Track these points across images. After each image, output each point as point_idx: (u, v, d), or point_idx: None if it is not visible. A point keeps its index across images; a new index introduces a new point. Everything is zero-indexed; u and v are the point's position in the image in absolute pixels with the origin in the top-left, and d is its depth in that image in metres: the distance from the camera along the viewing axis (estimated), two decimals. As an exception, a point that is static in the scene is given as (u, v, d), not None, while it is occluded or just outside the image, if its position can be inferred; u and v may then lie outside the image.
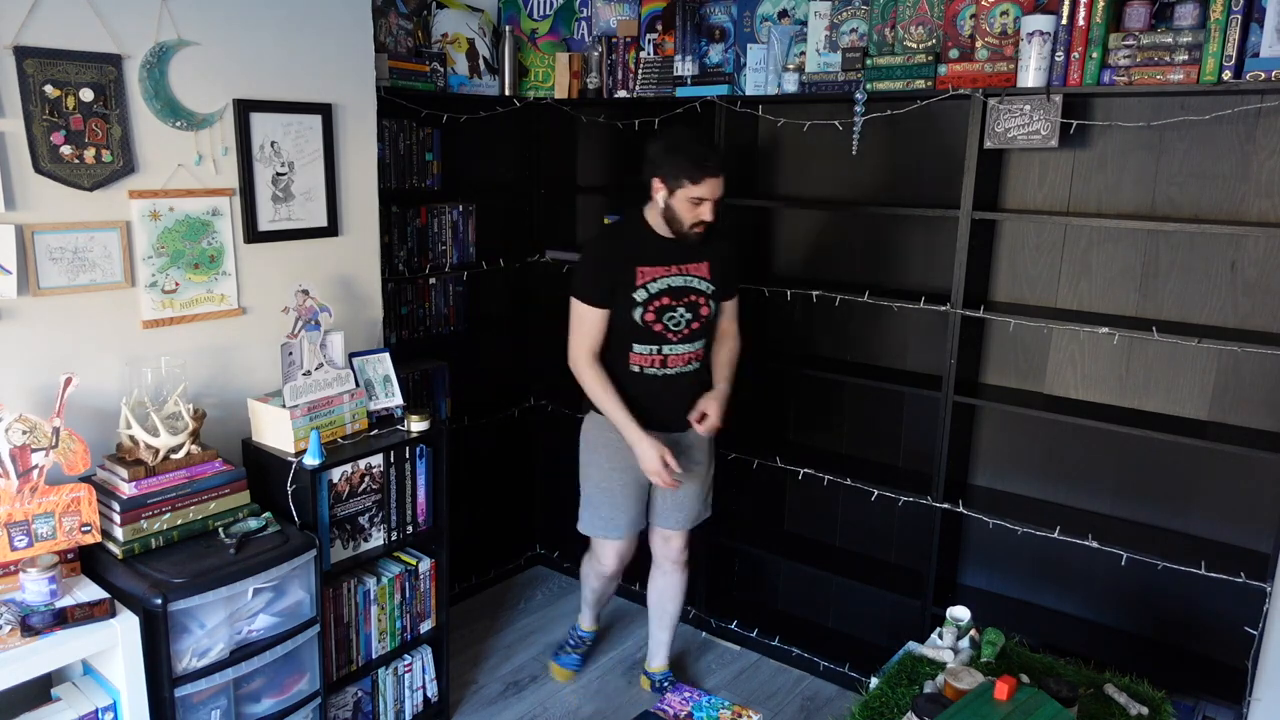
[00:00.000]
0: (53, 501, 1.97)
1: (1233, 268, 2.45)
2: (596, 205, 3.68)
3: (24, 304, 2.06)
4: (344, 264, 2.72)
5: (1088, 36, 2.32)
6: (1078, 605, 2.81)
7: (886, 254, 3.01)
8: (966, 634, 2.12)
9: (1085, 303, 2.68)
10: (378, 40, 2.83)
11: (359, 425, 2.51)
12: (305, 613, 2.24)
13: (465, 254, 3.35)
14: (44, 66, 2.01)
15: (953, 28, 2.59)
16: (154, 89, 2.21)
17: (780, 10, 2.94)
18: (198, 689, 2.03)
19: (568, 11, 3.41)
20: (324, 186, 2.62)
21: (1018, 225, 2.74)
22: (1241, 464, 2.48)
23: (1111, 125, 2.54)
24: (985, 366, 2.88)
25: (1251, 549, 2.48)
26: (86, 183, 2.12)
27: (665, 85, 3.13)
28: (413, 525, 2.61)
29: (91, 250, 2.15)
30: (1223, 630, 2.52)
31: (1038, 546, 2.77)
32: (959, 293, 2.64)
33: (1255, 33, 2.16)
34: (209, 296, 2.40)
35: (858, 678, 2.98)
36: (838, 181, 3.06)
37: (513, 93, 3.38)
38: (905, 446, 3.07)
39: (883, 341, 3.05)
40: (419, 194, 3.18)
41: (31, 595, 1.91)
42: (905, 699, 1.91)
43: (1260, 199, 2.39)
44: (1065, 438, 2.75)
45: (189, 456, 2.17)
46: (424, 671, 2.74)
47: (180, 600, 1.96)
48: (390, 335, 3.05)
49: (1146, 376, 2.61)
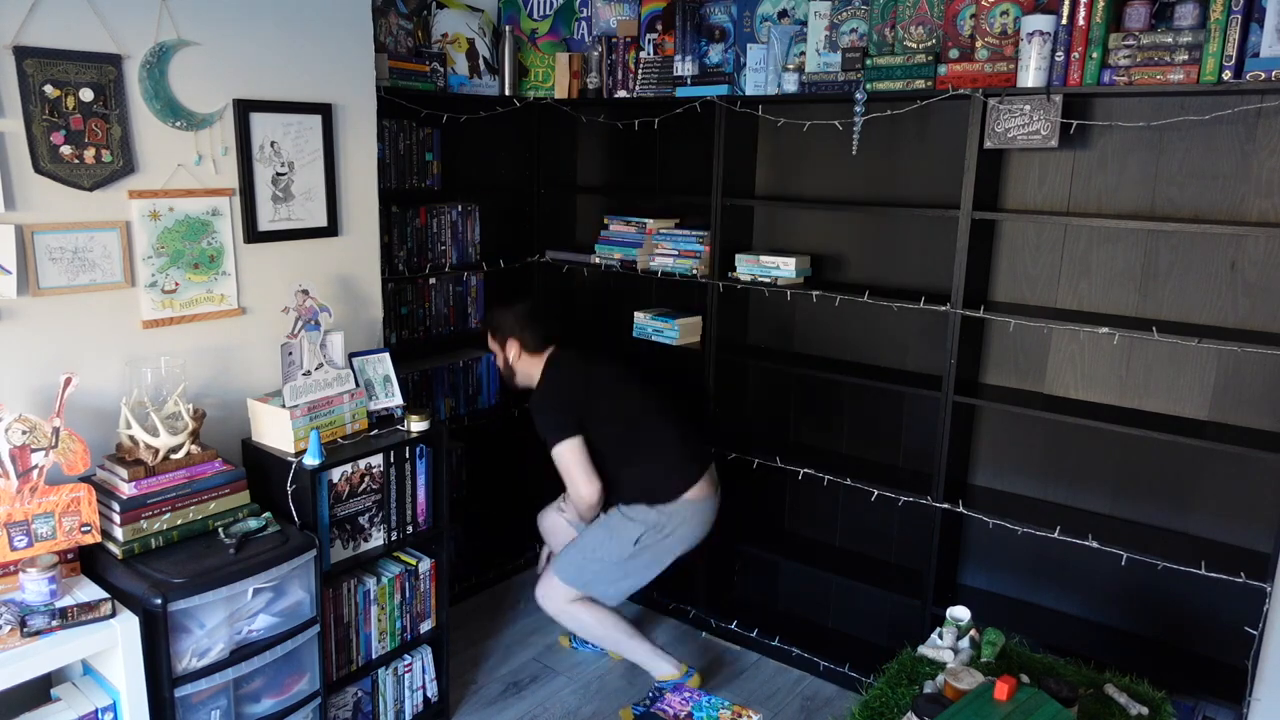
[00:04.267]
0: (53, 501, 1.97)
1: (1233, 268, 2.45)
2: (596, 205, 3.69)
3: (24, 304, 2.06)
4: (344, 264, 2.72)
5: (1088, 36, 2.32)
6: (1078, 605, 2.81)
7: (886, 254, 3.01)
8: (966, 634, 2.12)
9: (1085, 303, 2.68)
10: (378, 40, 2.83)
11: (359, 425, 2.51)
12: (305, 613, 2.24)
13: (465, 254, 3.35)
14: (44, 66, 2.01)
15: (953, 28, 2.59)
16: (154, 89, 2.21)
17: (780, 10, 2.94)
18: (198, 689, 2.03)
19: (568, 11, 3.41)
20: (324, 186, 2.62)
21: (1018, 225, 2.74)
22: (1241, 464, 2.48)
23: (1111, 125, 2.54)
24: (985, 366, 2.88)
25: (1251, 549, 2.48)
26: (86, 183, 2.12)
27: (665, 85, 3.13)
28: (413, 525, 2.61)
29: (91, 250, 2.15)
30: (1223, 630, 2.52)
31: (1038, 546, 2.77)
32: (959, 293, 2.64)
33: (1255, 33, 2.16)
34: (209, 296, 2.40)
35: (858, 678, 2.98)
36: (838, 181, 3.06)
37: (513, 93, 3.39)
38: (905, 446, 3.07)
39: (883, 341, 3.05)
40: (419, 194, 3.18)
41: (31, 595, 1.91)
42: (905, 699, 1.92)
43: (1260, 199, 2.39)
44: (1065, 438, 2.75)
45: (189, 456, 2.17)
46: (424, 671, 2.74)
47: (180, 600, 1.96)
48: (390, 335, 3.05)
49: (1146, 376, 2.61)
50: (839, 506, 3.23)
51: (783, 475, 3.18)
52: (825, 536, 3.30)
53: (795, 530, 3.37)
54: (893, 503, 2.89)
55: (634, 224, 3.38)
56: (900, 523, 3.06)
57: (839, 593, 3.28)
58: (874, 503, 2.91)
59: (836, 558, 3.18)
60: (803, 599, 3.38)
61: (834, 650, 3.11)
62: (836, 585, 3.25)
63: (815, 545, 3.28)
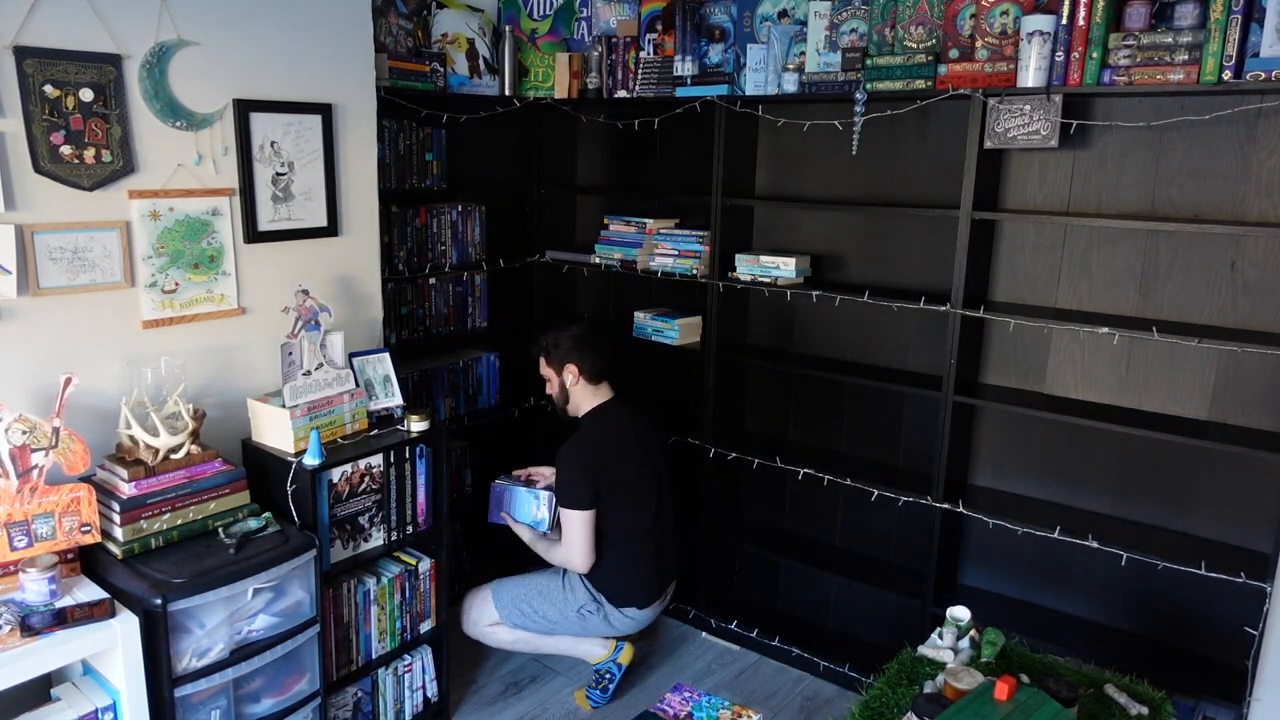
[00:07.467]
0: (52, 501, 1.97)
1: (1233, 268, 2.45)
2: (596, 205, 3.68)
3: (24, 304, 2.06)
4: (344, 264, 2.72)
5: (1088, 36, 2.32)
6: (1078, 605, 2.81)
7: (886, 254, 3.01)
8: (966, 634, 2.12)
9: (1085, 303, 2.68)
10: (378, 40, 2.83)
11: (359, 425, 2.51)
12: (305, 613, 2.24)
13: (465, 254, 3.35)
14: (44, 66, 2.01)
15: (953, 28, 2.59)
16: (154, 89, 2.21)
17: (780, 10, 2.94)
18: (197, 689, 2.03)
19: (568, 11, 3.41)
20: (324, 186, 2.62)
21: (1018, 225, 2.74)
22: (1241, 464, 2.48)
23: (1111, 125, 2.54)
24: (985, 366, 2.88)
25: (1251, 549, 2.48)
26: (86, 183, 2.12)
27: (665, 85, 3.13)
28: (412, 525, 2.61)
29: (91, 250, 2.15)
30: (1223, 630, 2.52)
31: (1038, 546, 2.77)
32: (959, 293, 2.64)
33: (1255, 33, 2.16)
34: (209, 296, 2.40)
35: (858, 678, 2.98)
36: (838, 181, 3.06)
37: (513, 93, 3.38)
38: (905, 446, 3.07)
39: (883, 341, 3.05)
40: (419, 194, 3.18)
41: (31, 595, 1.91)
42: (905, 699, 1.91)
43: (1260, 199, 2.38)
44: (1065, 438, 2.75)
45: (189, 456, 2.17)
46: (424, 671, 2.74)
47: (180, 600, 1.96)
48: (390, 335, 3.05)
49: (1146, 376, 2.61)
50: (839, 506, 3.23)
51: (782, 475, 3.18)
52: (825, 536, 3.30)
53: (795, 530, 3.37)
54: (892, 503, 2.89)
55: (634, 224, 3.38)
56: (900, 523, 3.06)
57: (839, 593, 3.28)
58: (874, 503, 2.91)
59: (836, 558, 3.18)
60: (803, 599, 3.38)
61: (834, 650, 3.11)
62: (836, 585, 3.25)
63: (815, 545, 3.28)
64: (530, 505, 2.95)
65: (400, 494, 2.55)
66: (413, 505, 2.60)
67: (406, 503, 2.57)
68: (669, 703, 2.90)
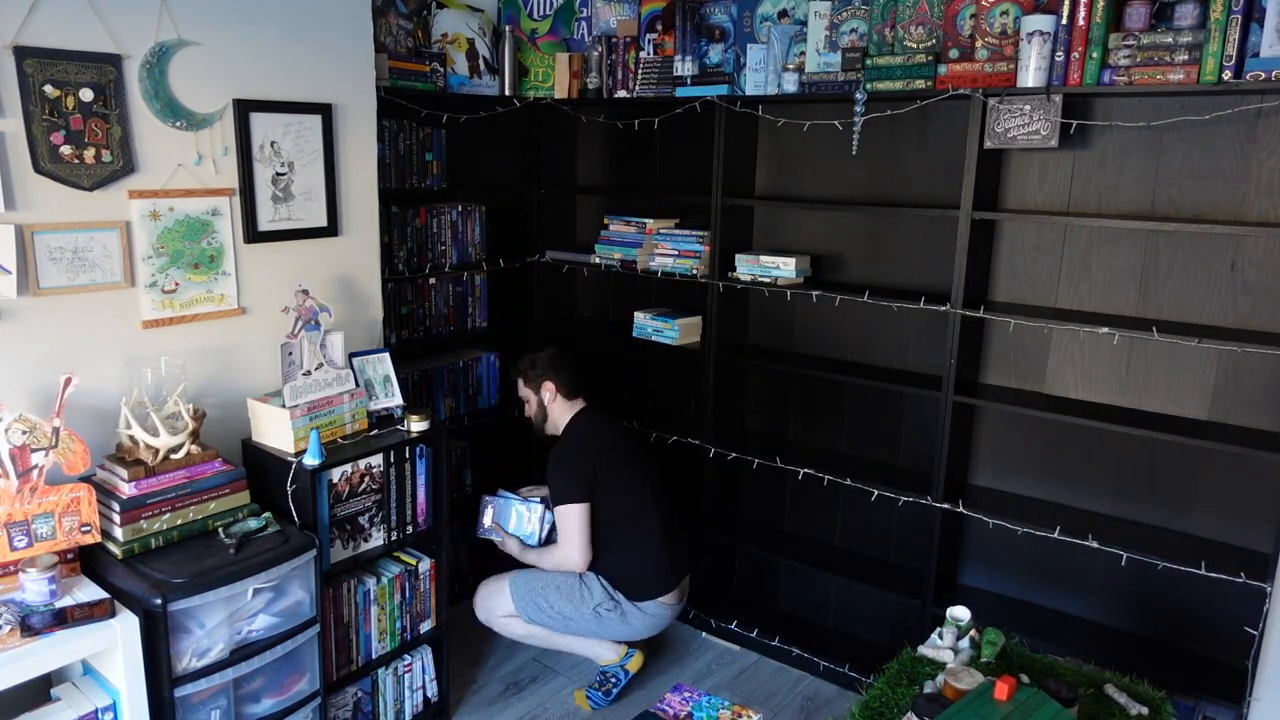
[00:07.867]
0: (52, 501, 1.97)
1: (1233, 268, 2.45)
2: (596, 205, 3.68)
3: (24, 304, 2.06)
4: (344, 264, 2.72)
5: (1088, 36, 2.32)
6: (1078, 605, 2.81)
7: (886, 254, 3.01)
8: (966, 634, 2.12)
9: (1085, 303, 2.68)
10: (378, 40, 2.83)
11: (359, 425, 2.51)
12: (305, 613, 2.24)
13: (465, 254, 3.35)
14: (44, 66, 2.01)
15: (953, 28, 2.59)
16: (154, 89, 2.21)
17: (780, 10, 2.94)
18: (197, 689, 2.03)
19: (568, 11, 3.41)
20: (324, 186, 2.62)
21: (1017, 225, 2.74)
22: (1241, 464, 2.48)
23: (1111, 125, 2.54)
24: (985, 366, 2.88)
25: (1251, 549, 2.48)
26: (86, 183, 2.12)
27: (665, 85, 3.13)
28: (412, 525, 2.61)
29: (91, 250, 2.15)
30: (1223, 630, 2.52)
31: (1038, 546, 2.77)
32: (959, 293, 2.64)
33: (1255, 33, 2.16)
34: (209, 296, 2.40)
35: (858, 678, 2.98)
36: (838, 181, 3.06)
37: (513, 93, 3.38)
38: (905, 446, 3.07)
39: (883, 341, 3.05)
40: (419, 194, 3.18)
41: (31, 595, 1.91)
42: (905, 699, 1.91)
43: (1260, 199, 2.38)
44: (1065, 438, 2.75)
45: (189, 456, 2.17)
46: (424, 671, 2.74)
47: (180, 600, 1.96)
48: (390, 335, 3.05)
49: (1146, 376, 2.61)
50: (839, 506, 3.23)
51: (782, 475, 3.18)
52: (825, 536, 3.30)
53: (795, 530, 3.37)
54: (892, 503, 2.89)
55: (634, 224, 3.38)
56: (900, 522, 3.06)
57: (839, 593, 3.28)
58: (874, 503, 2.91)
59: (836, 558, 3.18)
60: (802, 599, 3.38)
61: (834, 650, 3.11)
62: (836, 585, 3.25)
63: (815, 545, 3.27)
64: (521, 517, 2.98)
65: (400, 494, 2.55)
66: (413, 505, 2.60)
67: (406, 503, 2.57)
68: (669, 703, 2.90)
